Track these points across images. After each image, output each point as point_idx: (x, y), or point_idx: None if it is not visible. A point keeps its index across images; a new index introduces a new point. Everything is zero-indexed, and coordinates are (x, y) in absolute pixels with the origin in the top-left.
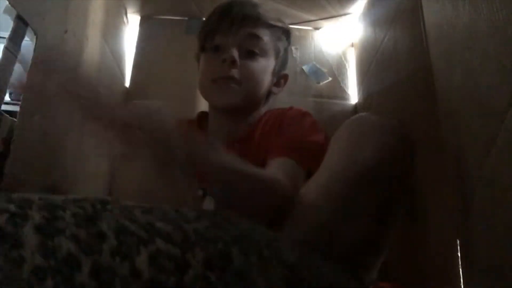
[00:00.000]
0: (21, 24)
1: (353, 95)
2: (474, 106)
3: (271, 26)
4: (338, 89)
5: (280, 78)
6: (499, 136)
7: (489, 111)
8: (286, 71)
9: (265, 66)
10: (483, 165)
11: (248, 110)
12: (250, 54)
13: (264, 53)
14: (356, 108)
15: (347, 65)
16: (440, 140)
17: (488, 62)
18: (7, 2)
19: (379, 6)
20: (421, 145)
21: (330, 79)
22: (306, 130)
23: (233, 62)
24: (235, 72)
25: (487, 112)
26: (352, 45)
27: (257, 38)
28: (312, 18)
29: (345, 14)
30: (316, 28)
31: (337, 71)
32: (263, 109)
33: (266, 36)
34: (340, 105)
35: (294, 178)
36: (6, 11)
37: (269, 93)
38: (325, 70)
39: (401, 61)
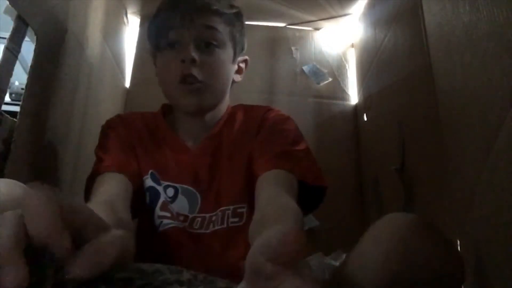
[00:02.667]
0: (21, 24)
1: (353, 96)
2: (474, 106)
3: (223, 14)
4: (338, 90)
5: (239, 64)
6: (500, 136)
7: (489, 111)
8: (246, 57)
9: (224, 58)
10: (484, 165)
11: (213, 106)
12: (207, 46)
13: (221, 44)
14: (356, 109)
15: (347, 65)
16: (440, 139)
17: (488, 62)
18: (8, 2)
19: (379, 6)
20: (421, 145)
21: (330, 79)
22: (292, 138)
23: (192, 61)
24: (196, 72)
25: (487, 112)
26: (352, 46)
27: (212, 29)
28: (312, 18)
29: (345, 15)
30: (316, 29)
31: (337, 71)
32: (227, 100)
33: (221, 25)
34: (340, 105)
35: (291, 188)
36: (6, 11)
37: (231, 83)
38: (325, 70)
39: (401, 61)
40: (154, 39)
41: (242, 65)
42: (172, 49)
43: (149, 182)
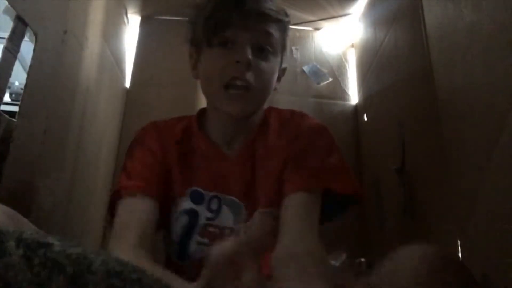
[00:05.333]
0: (20, 24)
1: (353, 96)
2: (475, 106)
3: (280, 21)
4: (338, 90)
5: (279, 72)
6: (502, 136)
7: (491, 111)
8: (285, 65)
9: (275, 65)
10: (486, 165)
11: (254, 112)
12: (261, 51)
13: (275, 51)
14: (356, 109)
15: (347, 65)
16: (441, 140)
17: (490, 62)
18: (7, 2)
19: (379, 6)
20: (421, 145)
21: (330, 79)
22: (324, 152)
23: (248, 64)
24: (249, 76)
25: (489, 112)
26: (353, 46)
27: (270, 35)
28: (313, 18)
29: (345, 15)
30: (317, 29)
31: (338, 71)
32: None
33: (276, 32)
34: (340, 105)
35: (312, 215)
36: (5, 11)
37: None
38: (325, 70)
39: (401, 61)
40: (205, 34)
41: (281, 73)
42: (223, 48)
43: (187, 204)
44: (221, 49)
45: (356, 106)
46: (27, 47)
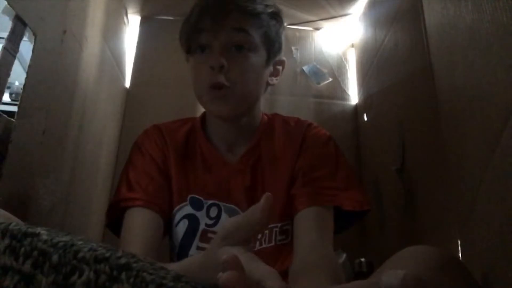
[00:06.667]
0: (19, 24)
1: (354, 96)
2: (476, 106)
3: (256, 14)
4: (338, 90)
5: (276, 66)
6: (503, 136)
7: (492, 111)
8: (283, 58)
9: (255, 61)
10: (487, 166)
11: (246, 111)
12: (239, 49)
13: (253, 47)
14: (356, 109)
15: (347, 65)
16: (441, 140)
17: (491, 62)
18: (6, 2)
19: (379, 6)
20: (421, 145)
21: (330, 79)
22: (333, 166)
23: (221, 67)
24: (223, 78)
25: (490, 112)
26: (353, 46)
27: (243, 31)
28: (312, 18)
29: (345, 15)
30: (317, 29)
31: (338, 71)
32: (261, 105)
33: (252, 27)
34: (341, 105)
35: (329, 227)
36: (4, 11)
37: (266, 85)
38: (325, 70)
39: (401, 61)
40: (185, 42)
41: (279, 67)
42: (203, 52)
43: (187, 209)
44: (200, 54)
45: (356, 106)
46: (27, 47)
